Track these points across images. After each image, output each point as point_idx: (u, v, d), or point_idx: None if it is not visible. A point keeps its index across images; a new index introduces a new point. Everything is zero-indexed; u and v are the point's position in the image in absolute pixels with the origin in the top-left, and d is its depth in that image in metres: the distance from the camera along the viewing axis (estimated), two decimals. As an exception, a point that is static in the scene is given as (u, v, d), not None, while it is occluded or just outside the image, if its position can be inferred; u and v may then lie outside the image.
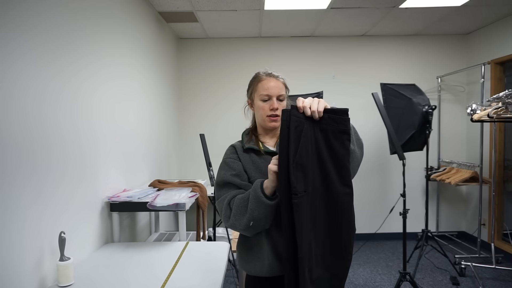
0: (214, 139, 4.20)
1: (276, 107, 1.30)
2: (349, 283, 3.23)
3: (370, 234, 4.39)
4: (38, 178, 1.47)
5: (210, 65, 4.36)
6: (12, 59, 1.33)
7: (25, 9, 1.41)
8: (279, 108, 1.30)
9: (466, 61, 4.40)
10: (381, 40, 4.40)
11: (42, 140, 1.51)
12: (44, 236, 1.51)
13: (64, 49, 1.70)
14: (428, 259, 3.75)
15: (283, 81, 1.35)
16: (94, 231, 2.00)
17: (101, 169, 2.09)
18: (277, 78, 1.34)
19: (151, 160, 3.15)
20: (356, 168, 1.26)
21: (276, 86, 1.31)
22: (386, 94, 3.58)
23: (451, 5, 3.37)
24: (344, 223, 1.15)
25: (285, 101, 1.34)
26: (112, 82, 2.29)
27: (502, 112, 2.66)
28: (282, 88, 1.33)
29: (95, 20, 2.05)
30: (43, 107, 1.52)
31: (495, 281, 3.19)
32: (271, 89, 1.30)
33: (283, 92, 1.33)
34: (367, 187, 4.47)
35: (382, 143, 4.38)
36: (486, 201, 4.04)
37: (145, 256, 1.83)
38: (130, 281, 1.51)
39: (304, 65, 4.39)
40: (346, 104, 4.38)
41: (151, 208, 2.07)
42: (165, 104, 3.70)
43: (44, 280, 1.51)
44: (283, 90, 1.33)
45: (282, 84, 1.34)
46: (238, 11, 3.43)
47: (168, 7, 3.30)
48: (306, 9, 3.41)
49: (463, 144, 4.47)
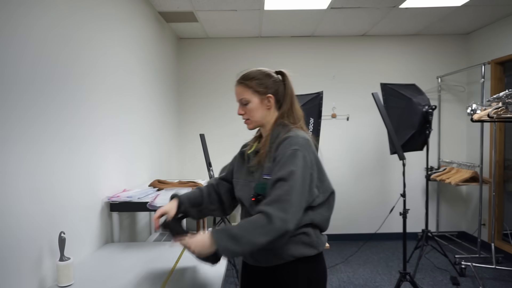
0: (214, 139, 4.20)
1: (240, 113, 1.35)
2: (349, 283, 3.23)
3: (370, 234, 4.38)
4: (38, 178, 1.47)
5: (210, 65, 4.36)
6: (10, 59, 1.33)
7: (25, 9, 1.41)
8: (246, 112, 1.34)
9: (466, 61, 4.39)
10: (381, 40, 4.40)
11: (42, 139, 1.51)
12: (44, 236, 1.51)
13: (63, 49, 1.69)
14: (428, 259, 3.75)
15: (244, 83, 1.33)
16: (94, 231, 1.99)
17: (101, 169, 2.09)
18: (237, 83, 1.35)
19: (151, 160, 3.15)
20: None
21: (237, 92, 1.35)
22: (386, 94, 3.58)
23: (451, 5, 3.37)
24: None
25: (252, 102, 1.32)
26: (112, 81, 2.29)
27: (502, 112, 2.66)
28: (243, 92, 1.33)
29: (95, 20, 2.05)
30: (43, 108, 1.51)
31: (495, 281, 3.19)
32: (236, 96, 1.36)
33: (244, 95, 1.32)
34: (367, 187, 4.46)
35: (382, 143, 4.38)
36: (486, 201, 4.04)
37: (145, 256, 1.83)
38: (130, 281, 1.51)
39: (304, 65, 4.39)
40: (346, 104, 4.41)
41: (151, 208, 2.07)
42: (165, 103, 3.70)
43: (44, 280, 1.51)
44: (243, 93, 1.33)
45: (243, 87, 1.33)
46: (238, 11, 3.43)
47: (168, 7, 3.30)
48: (306, 9, 3.41)
49: (463, 144, 4.47)
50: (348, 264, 3.69)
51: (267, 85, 1.32)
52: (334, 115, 4.39)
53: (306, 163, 1.19)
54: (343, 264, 3.68)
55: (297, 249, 1.25)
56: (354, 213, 4.47)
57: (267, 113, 1.34)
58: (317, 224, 1.28)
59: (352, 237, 4.44)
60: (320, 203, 1.27)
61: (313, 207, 1.25)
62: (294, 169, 1.16)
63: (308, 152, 1.22)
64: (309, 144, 1.25)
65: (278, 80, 1.36)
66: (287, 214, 1.11)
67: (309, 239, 1.26)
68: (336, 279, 3.31)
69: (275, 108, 1.35)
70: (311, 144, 1.26)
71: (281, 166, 1.19)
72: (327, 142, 4.38)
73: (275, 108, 1.35)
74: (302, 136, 1.25)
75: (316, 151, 1.29)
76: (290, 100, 1.35)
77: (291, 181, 1.15)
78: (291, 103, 1.35)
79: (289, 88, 1.36)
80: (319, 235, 1.31)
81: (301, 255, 1.25)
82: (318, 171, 1.26)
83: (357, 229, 4.47)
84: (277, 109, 1.36)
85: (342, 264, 3.67)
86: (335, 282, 3.24)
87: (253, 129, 1.40)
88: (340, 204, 4.40)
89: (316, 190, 1.25)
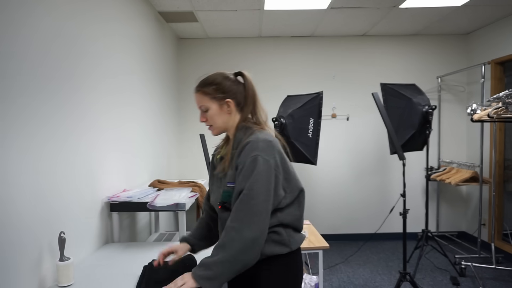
0: (214, 139, 4.18)
1: (202, 120, 1.35)
2: (349, 283, 3.23)
3: (370, 234, 4.39)
4: (38, 178, 1.47)
5: (210, 65, 4.36)
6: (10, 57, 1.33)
7: (24, 9, 1.41)
8: (207, 119, 1.33)
9: (466, 61, 4.40)
10: (381, 40, 4.40)
11: (42, 140, 1.51)
12: (44, 236, 1.51)
13: (63, 48, 1.69)
14: (428, 259, 3.75)
15: (201, 90, 1.32)
16: (94, 231, 1.99)
17: (101, 169, 2.09)
18: (195, 90, 1.34)
19: (151, 160, 3.15)
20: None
21: (196, 100, 1.34)
22: (386, 94, 3.58)
23: (451, 5, 3.37)
24: None
25: (211, 108, 1.31)
26: (112, 81, 2.29)
27: (502, 112, 2.66)
28: (201, 99, 1.32)
29: (95, 20, 2.05)
30: (43, 107, 1.51)
31: (495, 281, 3.19)
32: (196, 103, 1.35)
33: (202, 102, 1.32)
34: (367, 187, 4.46)
35: (382, 143, 4.38)
36: (486, 201, 4.04)
37: (145, 256, 1.83)
38: (130, 281, 1.51)
39: (304, 65, 4.39)
40: (346, 104, 4.41)
41: (151, 208, 2.07)
42: (165, 103, 3.70)
43: (44, 280, 1.51)
44: (202, 100, 1.32)
45: (200, 95, 1.32)
46: (238, 11, 3.43)
47: (168, 7, 3.30)
48: (306, 9, 3.41)
49: (463, 144, 4.47)
50: (348, 264, 3.69)
51: (225, 89, 1.30)
52: (334, 115, 4.39)
53: (268, 167, 1.18)
54: (343, 264, 3.68)
55: (268, 248, 1.23)
56: (354, 213, 4.47)
57: (228, 118, 1.32)
58: (287, 224, 1.27)
59: (352, 237, 4.44)
60: (289, 203, 1.26)
61: (281, 209, 1.25)
62: (256, 178, 1.16)
63: (269, 156, 1.20)
64: (271, 146, 1.22)
65: (237, 82, 1.33)
66: (253, 224, 1.13)
67: (279, 237, 1.25)
68: (336, 279, 3.31)
69: (237, 111, 1.33)
70: (273, 145, 1.23)
71: (243, 176, 1.18)
72: (327, 142, 4.39)
73: (236, 111, 1.33)
74: (262, 139, 1.22)
75: (283, 150, 1.27)
76: (252, 101, 1.32)
77: (254, 191, 1.15)
78: (253, 104, 1.33)
79: (249, 89, 1.32)
80: (291, 234, 1.29)
81: (272, 254, 1.25)
82: (284, 172, 1.25)
83: (357, 229, 4.47)
84: (239, 112, 1.33)
85: (342, 264, 3.67)
86: (335, 282, 3.24)
87: (217, 135, 1.39)
88: (340, 204, 4.48)
89: (283, 191, 1.24)
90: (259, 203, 1.15)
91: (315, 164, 3.40)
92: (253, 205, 1.14)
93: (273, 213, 1.22)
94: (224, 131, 1.37)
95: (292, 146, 3.34)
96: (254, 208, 1.14)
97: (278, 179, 1.21)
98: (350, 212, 4.47)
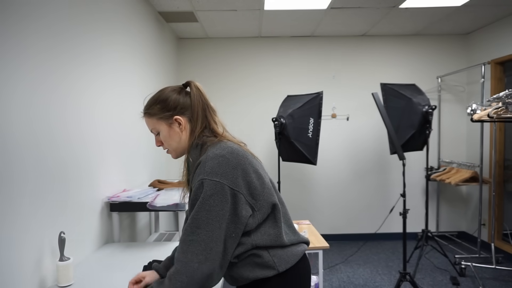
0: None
1: (157, 145, 1.25)
2: (349, 283, 3.23)
3: (370, 234, 4.39)
4: (38, 178, 1.47)
5: (210, 65, 4.36)
6: (11, 56, 1.33)
7: (24, 8, 1.41)
8: (164, 143, 1.22)
9: (466, 61, 4.40)
10: (381, 40, 4.40)
11: (43, 140, 1.51)
12: (44, 236, 1.51)
13: (62, 48, 1.69)
14: (428, 259, 3.75)
15: (147, 113, 1.21)
16: (94, 231, 1.99)
17: (101, 169, 2.09)
18: (143, 114, 1.23)
19: (151, 160, 3.15)
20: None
21: (146, 124, 1.24)
22: (386, 94, 3.58)
23: (451, 5, 3.37)
24: None
25: (161, 130, 1.19)
26: (112, 81, 2.29)
27: (502, 112, 2.66)
28: (149, 122, 1.21)
29: (94, 20, 2.05)
30: (43, 106, 1.51)
31: (495, 281, 3.19)
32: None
33: (151, 125, 1.21)
34: (367, 187, 4.47)
35: (382, 143, 4.38)
36: (486, 201, 4.04)
37: (145, 256, 1.83)
38: (130, 281, 1.51)
39: (304, 65, 4.39)
40: (346, 104, 4.41)
41: (151, 208, 2.07)
42: (165, 104, 3.69)
43: (44, 280, 1.51)
44: (150, 123, 1.21)
45: (147, 118, 1.21)
46: (238, 11, 3.43)
47: (168, 7, 3.30)
48: (306, 9, 3.41)
49: (463, 144, 4.47)
50: (348, 264, 3.69)
51: (170, 106, 1.17)
52: (334, 115, 4.39)
53: (218, 190, 1.02)
54: (343, 264, 3.68)
55: (251, 272, 1.11)
56: (354, 213, 4.47)
57: (182, 137, 1.19)
58: (266, 246, 1.11)
59: (352, 237, 4.44)
60: (261, 222, 1.10)
61: (251, 230, 1.09)
62: (201, 205, 1.03)
63: (220, 175, 1.04)
64: (223, 163, 1.06)
65: (186, 94, 1.19)
66: (200, 255, 1.00)
67: (261, 260, 1.10)
68: (336, 279, 3.31)
69: (191, 127, 1.18)
70: (227, 161, 1.06)
71: (190, 205, 1.09)
72: (327, 142, 4.39)
73: (190, 127, 1.18)
74: (212, 156, 1.07)
75: (248, 160, 1.11)
76: (202, 113, 1.17)
77: (200, 220, 1.02)
78: (203, 116, 1.17)
79: (196, 100, 1.17)
80: (277, 254, 1.11)
81: (256, 278, 1.10)
82: (248, 187, 1.07)
83: (357, 229, 4.47)
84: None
85: (342, 264, 3.67)
86: (335, 282, 3.24)
87: (178, 158, 1.26)
88: (340, 204, 4.48)
89: (249, 210, 1.07)
90: (207, 232, 1.01)
91: (315, 164, 3.40)
92: (198, 235, 1.01)
93: (244, 236, 1.08)
94: (183, 152, 1.23)
95: (292, 146, 3.34)
96: (199, 239, 1.01)
97: (237, 198, 1.05)
98: (350, 212, 4.47)
